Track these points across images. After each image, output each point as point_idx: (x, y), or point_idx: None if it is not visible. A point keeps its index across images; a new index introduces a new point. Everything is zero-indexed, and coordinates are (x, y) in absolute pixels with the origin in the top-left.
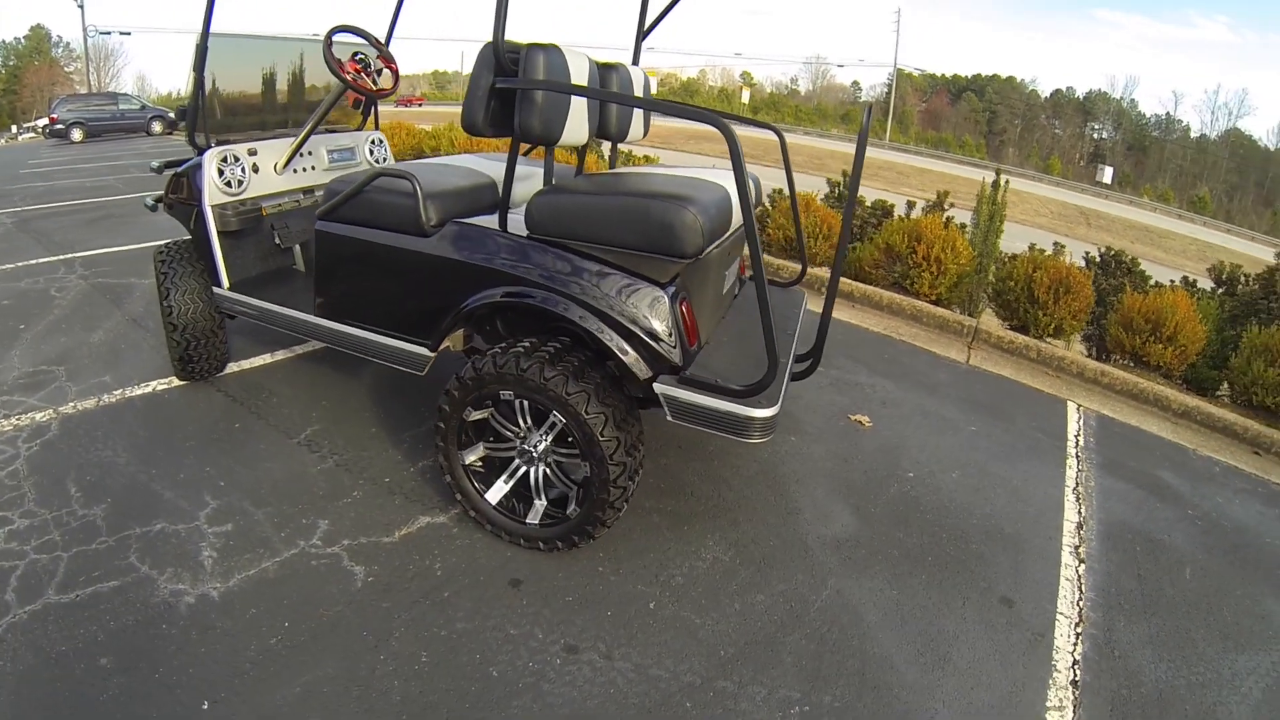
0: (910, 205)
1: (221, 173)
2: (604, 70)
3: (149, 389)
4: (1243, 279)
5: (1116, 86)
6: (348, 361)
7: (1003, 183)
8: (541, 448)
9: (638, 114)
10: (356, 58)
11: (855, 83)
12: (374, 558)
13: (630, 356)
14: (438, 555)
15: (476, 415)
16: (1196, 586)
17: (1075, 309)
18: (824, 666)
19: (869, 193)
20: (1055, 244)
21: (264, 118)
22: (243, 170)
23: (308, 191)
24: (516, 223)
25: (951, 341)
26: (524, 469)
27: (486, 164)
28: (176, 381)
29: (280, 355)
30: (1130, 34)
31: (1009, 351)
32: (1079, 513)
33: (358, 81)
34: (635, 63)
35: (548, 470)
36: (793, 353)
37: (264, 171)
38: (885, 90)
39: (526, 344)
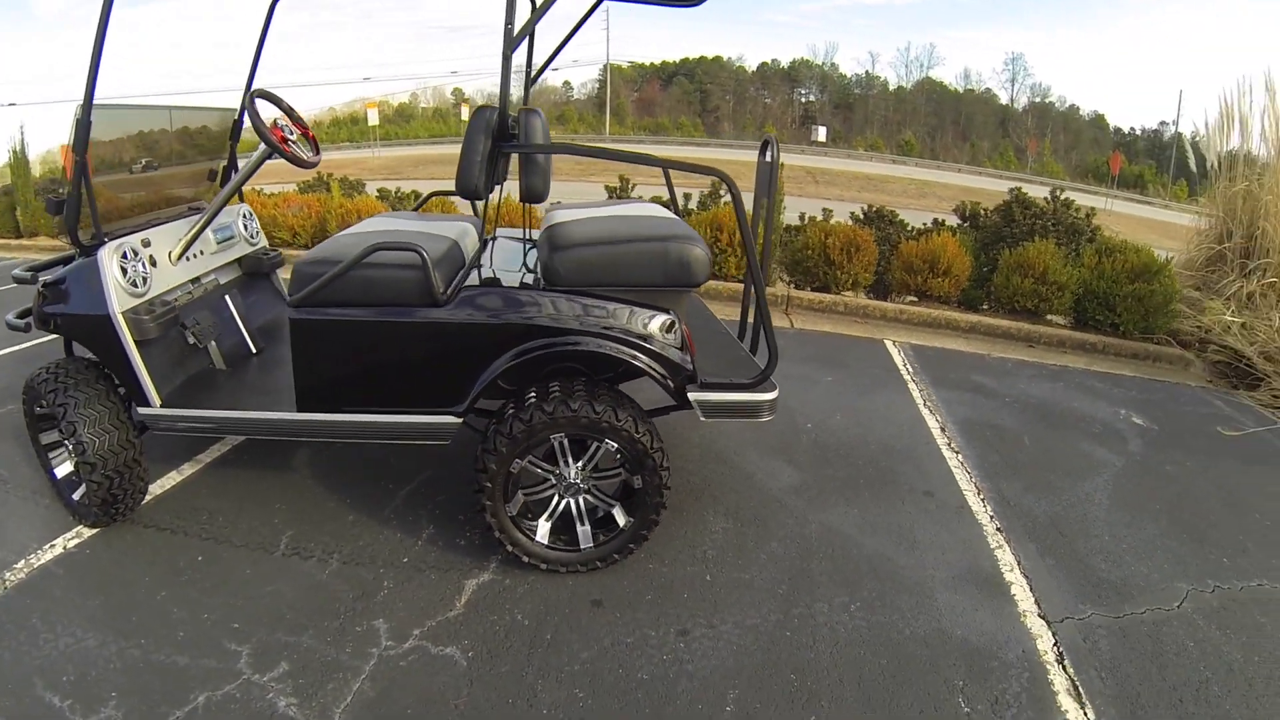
0: (684, 196)
1: (125, 271)
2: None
3: (57, 549)
4: (982, 213)
5: (818, 53)
6: (268, 457)
7: (780, 165)
8: (580, 477)
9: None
10: (279, 124)
11: (566, 83)
12: (457, 634)
13: (664, 377)
14: (511, 608)
15: (518, 466)
16: (1035, 448)
17: (865, 263)
18: (849, 574)
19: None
20: (824, 210)
21: (151, 199)
22: (143, 265)
23: (195, 280)
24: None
25: (770, 312)
26: (566, 501)
27: (411, 224)
28: (87, 531)
29: (188, 470)
30: (825, 5)
31: (821, 310)
32: (937, 420)
33: (289, 149)
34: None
35: (587, 496)
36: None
37: (161, 264)
38: (597, 86)
39: (558, 387)
